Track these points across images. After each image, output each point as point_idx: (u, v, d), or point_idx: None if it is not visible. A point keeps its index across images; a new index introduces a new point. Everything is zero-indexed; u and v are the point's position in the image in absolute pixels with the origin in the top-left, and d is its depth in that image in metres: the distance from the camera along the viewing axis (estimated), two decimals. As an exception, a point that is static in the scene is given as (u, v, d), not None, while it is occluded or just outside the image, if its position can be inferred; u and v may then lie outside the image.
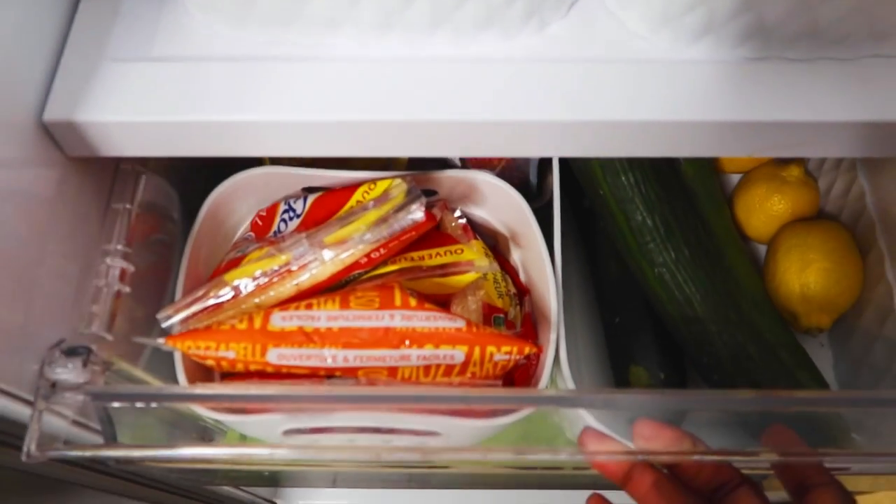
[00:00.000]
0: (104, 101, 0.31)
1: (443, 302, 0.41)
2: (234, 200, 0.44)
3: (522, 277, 0.44)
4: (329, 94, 0.31)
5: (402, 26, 0.32)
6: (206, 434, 0.48)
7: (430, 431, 0.37)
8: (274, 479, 0.74)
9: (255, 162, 0.51)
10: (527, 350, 0.34)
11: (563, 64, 0.32)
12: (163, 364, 0.37)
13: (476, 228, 0.46)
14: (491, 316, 0.41)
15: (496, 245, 0.47)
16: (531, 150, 0.33)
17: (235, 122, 0.32)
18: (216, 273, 0.41)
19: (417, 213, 0.36)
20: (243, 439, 0.45)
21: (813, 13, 0.30)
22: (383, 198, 0.37)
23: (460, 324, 0.34)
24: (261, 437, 0.41)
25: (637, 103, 0.31)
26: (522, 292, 0.44)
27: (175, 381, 0.37)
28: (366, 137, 0.33)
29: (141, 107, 0.31)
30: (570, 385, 0.39)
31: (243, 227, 0.45)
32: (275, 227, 0.42)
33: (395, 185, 0.37)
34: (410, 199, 0.36)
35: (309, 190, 0.44)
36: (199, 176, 0.47)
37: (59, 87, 0.32)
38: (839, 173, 0.51)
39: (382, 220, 0.36)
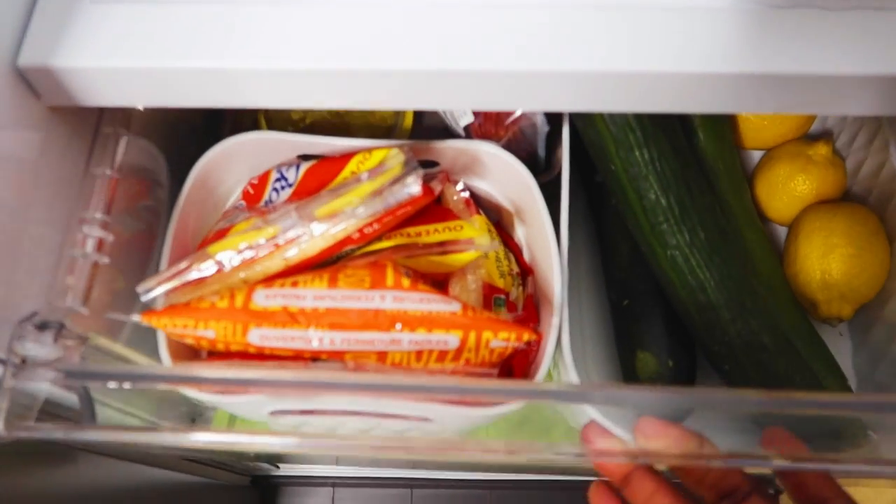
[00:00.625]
0: (84, 45, 0.29)
1: (441, 281, 0.39)
2: (225, 167, 0.42)
3: (526, 256, 0.42)
4: (329, 40, 0.29)
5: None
6: (195, 410, 0.47)
7: (421, 417, 0.35)
8: (274, 456, 0.74)
9: (248, 127, 0.49)
10: (525, 337, 0.32)
11: (580, 11, 0.29)
12: (147, 338, 0.36)
13: (479, 202, 0.44)
14: (491, 297, 0.38)
15: (500, 220, 0.44)
16: (543, 103, 0.31)
17: (225, 70, 0.29)
18: (203, 244, 0.39)
19: (414, 186, 0.33)
20: (233, 418, 0.44)
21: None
22: (378, 169, 0.34)
23: (455, 307, 0.32)
24: (247, 418, 0.39)
25: (653, 53, 0.28)
26: (526, 272, 0.41)
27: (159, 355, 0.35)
28: (369, 88, 0.30)
29: (123, 51, 0.29)
30: (572, 375, 0.37)
31: (235, 196, 0.43)
32: (266, 197, 0.40)
33: (392, 156, 0.35)
34: (407, 171, 0.34)
35: (304, 157, 0.42)
36: (189, 140, 0.45)
37: (35, 29, 0.30)
38: (870, 152, 0.48)
39: (377, 192, 0.34)
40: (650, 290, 0.44)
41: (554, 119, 0.43)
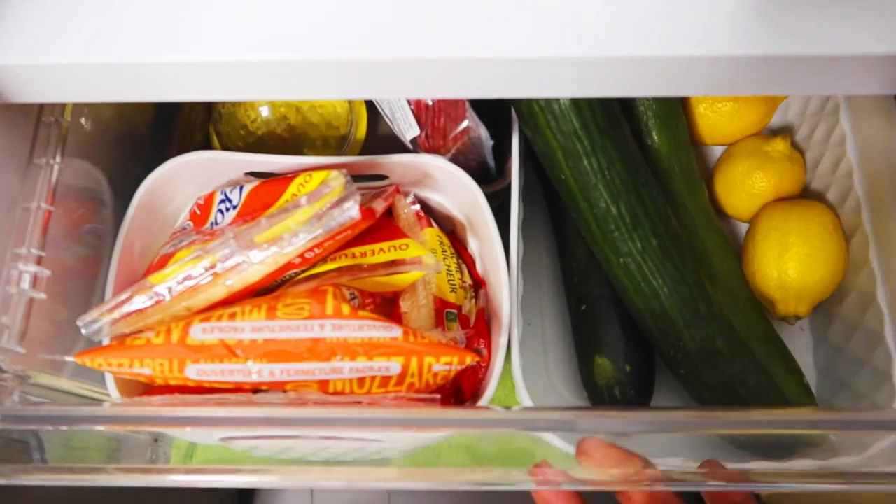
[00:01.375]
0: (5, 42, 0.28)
1: (392, 298, 0.39)
2: (172, 187, 0.41)
3: (479, 268, 0.42)
4: (252, 32, 0.28)
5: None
6: (158, 435, 0.47)
7: (370, 439, 0.35)
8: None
9: (199, 141, 0.48)
10: (468, 360, 0.32)
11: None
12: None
13: (433, 214, 0.43)
14: (443, 311, 0.38)
15: (454, 231, 0.44)
16: (482, 90, 0.30)
17: (146, 64, 0.28)
18: (149, 269, 0.38)
19: (352, 210, 0.33)
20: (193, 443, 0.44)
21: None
22: (318, 192, 0.34)
23: (397, 333, 0.32)
24: (199, 442, 0.39)
25: (632, 36, 0.27)
26: (479, 284, 0.41)
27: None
28: (300, 79, 0.29)
29: (44, 48, 0.28)
30: (522, 394, 0.37)
31: (184, 215, 0.42)
32: (212, 218, 0.39)
33: (333, 178, 0.34)
34: (346, 194, 0.33)
35: (252, 174, 0.41)
36: (136, 158, 0.44)
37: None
38: (828, 147, 0.47)
39: (316, 217, 0.33)
40: (607, 295, 0.44)
41: (506, 128, 0.42)
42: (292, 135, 0.47)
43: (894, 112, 0.42)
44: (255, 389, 0.32)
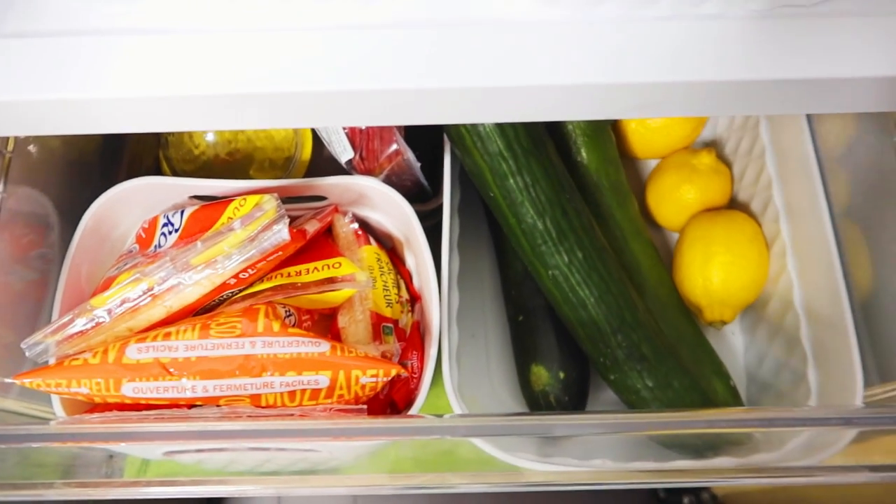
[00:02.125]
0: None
1: (330, 314, 0.41)
2: (119, 211, 0.43)
3: (416, 283, 0.43)
4: (175, 69, 0.30)
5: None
6: (113, 452, 0.48)
7: (308, 449, 0.37)
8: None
9: (148, 166, 0.50)
10: (394, 372, 0.34)
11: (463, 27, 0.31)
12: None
13: (373, 232, 0.45)
14: (380, 325, 0.40)
15: (393, 248, 0.46)
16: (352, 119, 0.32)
17: (79, 100, 0.30)
18: (95, 292, 0.40)
19: (282, 232, 0.35)
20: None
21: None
22: (251, 216, 0.36)
23: (324, 348, 0.34)
24: (144, 457, 0.40)
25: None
26: (415, 298, 0.43)
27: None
28: (207, 112, 0.31)
29: None
30: (453, 402, 0.38)
31: (130, 240, 0.44)
32: (156, 241, 0.41)
33: (266, 201, 0.36)
34: (277, 217, 0.35)
35: (197, 197, 0.43)
36: (85, 183, 0.46)
37: None
38: (751, 159, 0.50)
39: (249, 240, 0.35)
40: (542, 306, 0.46)
41: (440, 147, 0.44)
42: (239, 158, 0.49)
43: (806, 125, 0.44)
44: (191, 405, 0.34)
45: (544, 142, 0.42)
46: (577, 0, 0.31)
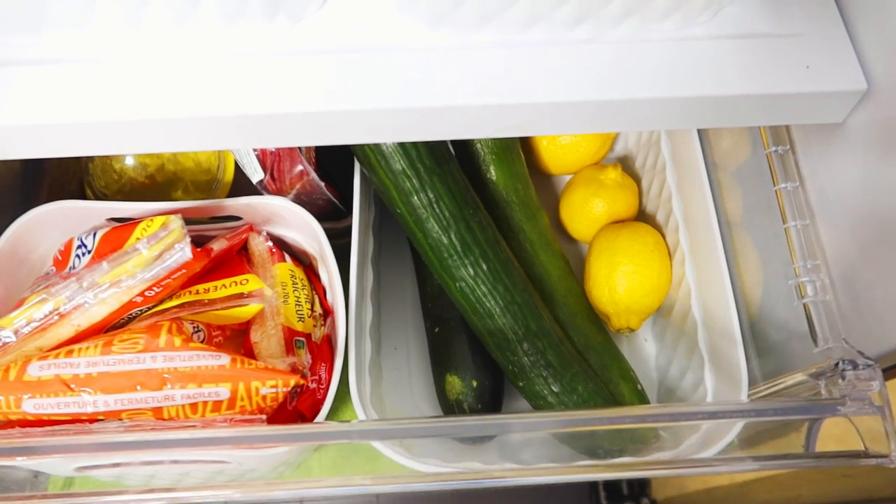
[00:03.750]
0: None
1: (243, 330, 0.42)
2: (36, 234, 0.44)
3: (329, 298, 0.45)
4: (78, 96, 0.32)
5: (143, 24, 0.32)
6: (37, 471, 0.48)
7: (218, 461, 0.38)
8: None
9: (72, 189, 0.51)
10: (292, 382, 0.35)
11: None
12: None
13: (290, 249, 0.47)
14: (292, 339, 0.42)
15: (311, 264, 0.47)
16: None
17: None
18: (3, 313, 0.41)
19: (185, 251, 0.36)
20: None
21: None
22: (156, 236, 0.37)
23: (224, 360, 0.35)
24: (57, 475, 0.41)
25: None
26: (328, 313, 0.44)
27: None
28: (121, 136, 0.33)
29: None
30: (358, 410, 0.40)
31: (48, 262, 0.45)
32: (70, 263, 0.42)
33: (171, 222, 0.38)
34: (181, 237, 0.37)
35: (115, 220, 0.44)
36: (2, 209, 0.46)
37: None
38: (655, 173, 0.52)
39: (154, 258, 0.37)
40: (456, 317, 0.48)
41: (351, 166, 0.46)
42: (162, 180, 0.50)
43: (697, 141, 0.47)
44: (94, 420, 0.35)
45: (447, 160, 0.44)
46: (462, 25, 0.33)
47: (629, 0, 0.33)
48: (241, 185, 0.53)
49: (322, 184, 0.42)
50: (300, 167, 0.41)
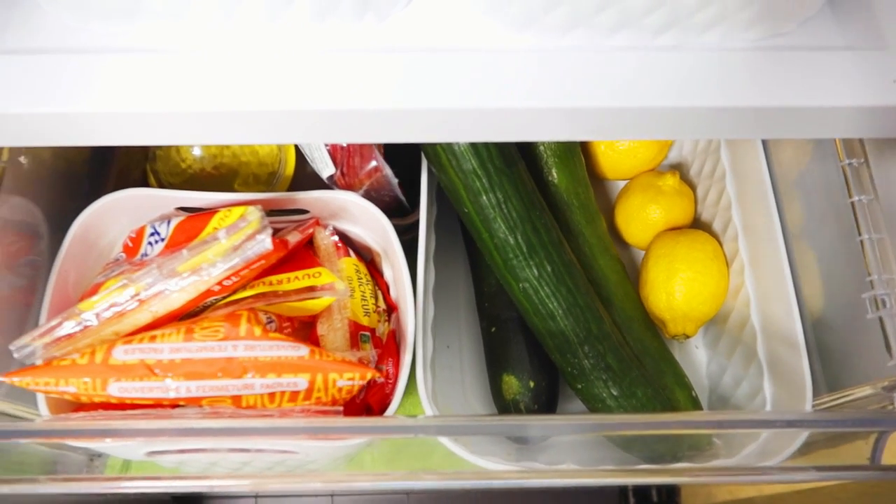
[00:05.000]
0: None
1: (310, 322, 0.42)
2: (106, 221, 0.44)
3: (393, 294, 0.45)
4: (169, 86, 0.32)
5: (236, 18, 0.32)
6: (94, 454, 0.49)
7: (287, 451, 0.38)
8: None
9: (135, 178, 0.52)
10: (369, 376, 0.36)
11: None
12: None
13: (352, 244, 0.47)
14: (357, 333, 0.42)
15: (372, 260, 0.48)
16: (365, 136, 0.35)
17: (76, 113, 0.32)
18: (82, 298, 0.41)
19: (265, 242, 0.37)
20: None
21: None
22: (235, 226, 0.38)
23: (303, 352, 0.35)
24: (129, 458, 0.42)
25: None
26: (391, 308, 0.45)
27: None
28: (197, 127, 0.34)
29: None
30: (426, 406, 0.40)
31: (117, 248, 0.45)
32: (142, 250, 0.42)
33: (250, 213, 0.38)
34: (261, 228, 0.37)
35: (182, 209, 0.44)
36: (75, 194, 0.47)
37: None
38: (713, 181, 0.53)
39: (233, 248, 0.37)
40: (514, 317, 0.48)
41: (418, 165, 0.46)
42: (224, 172, 0.51)
43: (761, 151, 0.47)
44: (174, 405, 0.35)
45: (516, 161, 0.44)
46: (549, 30, 0.34)
47: (716, 9, 0.33)
48: (301, 180, 0.53)
49: (396, 181, 0.42)
50: (374, 163, 0.41)
